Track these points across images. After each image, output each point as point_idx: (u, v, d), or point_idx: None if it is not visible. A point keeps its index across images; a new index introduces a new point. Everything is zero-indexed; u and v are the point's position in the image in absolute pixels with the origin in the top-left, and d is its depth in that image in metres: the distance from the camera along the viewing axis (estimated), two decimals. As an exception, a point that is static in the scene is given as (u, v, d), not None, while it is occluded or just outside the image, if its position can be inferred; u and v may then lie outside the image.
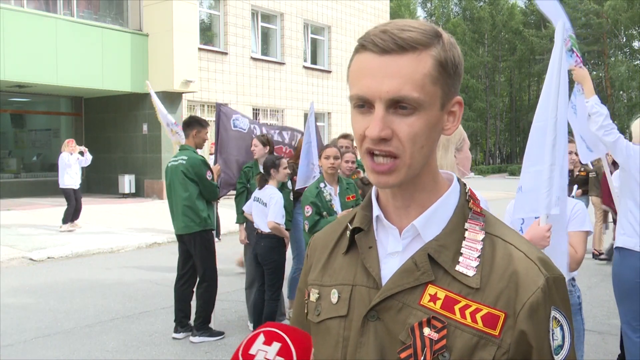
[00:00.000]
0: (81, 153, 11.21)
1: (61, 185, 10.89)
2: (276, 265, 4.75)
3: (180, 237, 5.14)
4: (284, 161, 4.82)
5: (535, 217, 2.54)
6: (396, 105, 0.85)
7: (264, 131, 5.82)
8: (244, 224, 5.42)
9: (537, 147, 2.54)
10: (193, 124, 5.16)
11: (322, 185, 4.48)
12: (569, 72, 3.11)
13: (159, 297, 6.36)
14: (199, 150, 5.25)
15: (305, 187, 4.85)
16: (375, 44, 0.86)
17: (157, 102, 6.14)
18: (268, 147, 5.33)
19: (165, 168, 5.21)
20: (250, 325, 5.19)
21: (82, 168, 11.32)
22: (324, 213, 4.35)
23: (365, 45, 0.87)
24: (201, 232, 5.02)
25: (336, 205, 4.46)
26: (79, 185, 11.04)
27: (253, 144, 5.37)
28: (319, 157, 4.64)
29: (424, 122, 0.86)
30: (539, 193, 2.49)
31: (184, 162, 5.01)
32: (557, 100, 2.50)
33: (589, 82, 3.40)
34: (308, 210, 4.36)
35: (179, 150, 5.23)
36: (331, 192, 4.49)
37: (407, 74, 0.84)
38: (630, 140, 3.64)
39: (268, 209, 4.65)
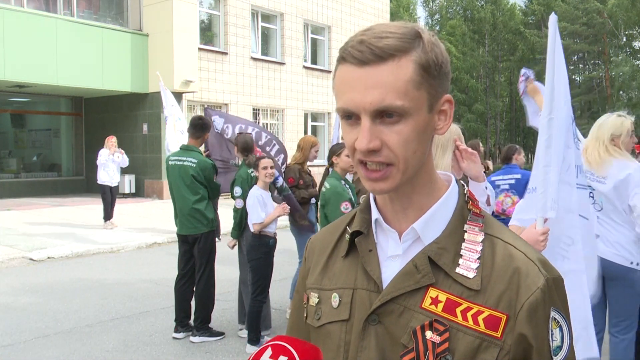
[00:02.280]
0: (120, 154, 11.26)
1: (98, 181, 11.04)
2: (257, 264, 4.76)
3: (184, 237, 5.14)
4: (264, 161, 4.76)
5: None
6: (382, 114, 0.85)
7: (236, 132, 5.96)
8: None
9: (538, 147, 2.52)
10: (206, 128, 5.21)
11: (342, 182, 4.48)
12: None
13: (159, 297, 6.35)
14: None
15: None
16: (354, 55, 0.85)
17: (164, 98, 6.29)
18: (235, 148, 5.32)
19: (167, 165, 5.19)
20: (242, 332, 5.17)
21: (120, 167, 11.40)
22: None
23: (344, 57, 0.87)
24: (207, 232, 5.08)
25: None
26: (116, 183, 11.16)
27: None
28: (339, 154, 4.60)
29: (413, 128, 0.86)
30: (536, 195, 2.46)
31: (194, 165, 5.00)
32: (552, 100, 2.46)
33: None
34: (347, 207, 4.25)
35: (182, 149, 5.20)
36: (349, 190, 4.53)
37: (389, 83, 0.83)
38: None
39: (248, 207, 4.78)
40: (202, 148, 5.55)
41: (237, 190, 5.00)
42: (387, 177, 0.87)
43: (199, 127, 5.15)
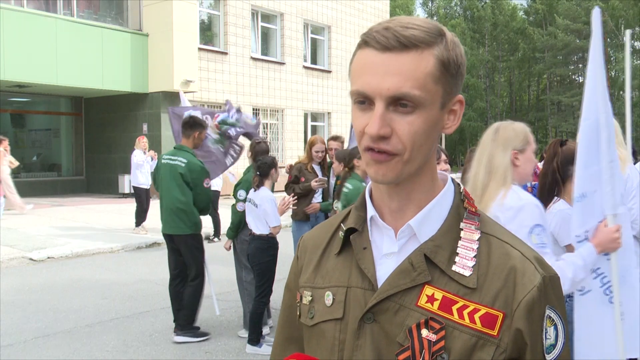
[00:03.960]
0: (152, 158, 10.79)
1: (133, 183, 10.64)
2: (265, 267, 4.73)
3: (169, 237, 5.09)
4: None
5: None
6: (396, 103, 0.85)
7: (207, 119, 5.72)
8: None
9: (590, 146, 2.37)
10: (196, 126, 5.10)
11: (364, 183, 4.51)
12: None
13: (159, 297, 6.35)
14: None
15: None
16: (378, 40, 0.85)
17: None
18: (249, 152, 5.37)
19: (158, 164, 5.14)
20: (242, 332, 5.17)
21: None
22: None
23: (367, 41, 0.87)
24: (191, 235, 5.01)
25: None
26: (150, 185, 10.65)
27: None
28: (360, 157, 4.63)
29: (424, 121, 0.86)
30: (602, 194, 2.35)
31: (183, 164, 4.94)
32: (605, 94, 2.35)
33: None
34: None
35: (175, 149, 5.15)
36: None
37: (409, 72, 0.84)
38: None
39: (260, 210, 4.68)
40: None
41: (242, 194, 4.97)
42: (390, 162, 0.87)
43: (188, 125, 5.10)
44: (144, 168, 10.55)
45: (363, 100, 0.87)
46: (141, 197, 10.55)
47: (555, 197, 2.83)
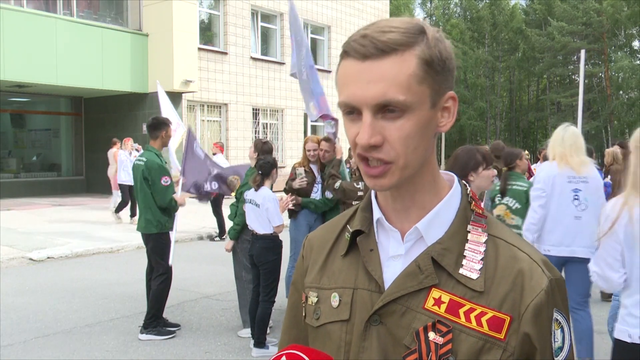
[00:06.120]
0: (137, 150, 11.58)
1: (118, 181, 11.62)
2: (272, 266, 4.72)
3: (142, 236, 5.27)
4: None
5: None
6: (384, 109, 0.84)
7: (213, 170, 5.84)
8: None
9: None
10: (161, 125, 5.21)
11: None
12: None
13: (159, 297, 6.34)
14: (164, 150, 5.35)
15: None
16: (356, 50, 0.84)
17: (162, 103, 6.28)
18: (252, 148, 5.51)
19: (132, 166, 5.37)
20: (242, 332, 5.17)
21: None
22: None
23: (347, 51, 0.86)
24: (157, 234, 5.14)
25: None
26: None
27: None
28: None
29: (414, 124, 0.85)
30: None
31: (143, 163, 5.09)
32: None
33: None
34: None
35: (145, 150, 5.32)
36: None
37: (391, 77, 0.83)
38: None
39: (262, 210, 4.66)
40: (175, 171, 5.68)
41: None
42: (386, 173, 0.86)
43: (153, 127, 5.20)
44: (127, 166, 11.27)
45: (351, 111, 0.87)
46: (125, 193, 11.53)
47: None
